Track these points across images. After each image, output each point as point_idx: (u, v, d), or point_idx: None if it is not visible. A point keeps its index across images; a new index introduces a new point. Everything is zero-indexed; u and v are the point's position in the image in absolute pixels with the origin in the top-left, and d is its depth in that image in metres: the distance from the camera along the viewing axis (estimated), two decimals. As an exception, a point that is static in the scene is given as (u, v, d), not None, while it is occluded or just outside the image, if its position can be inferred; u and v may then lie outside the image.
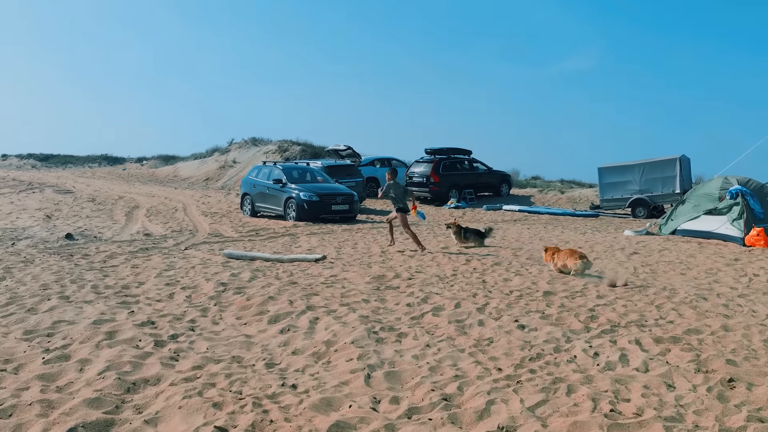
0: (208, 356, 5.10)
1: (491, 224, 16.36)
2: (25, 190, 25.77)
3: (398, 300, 7.21)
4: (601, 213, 21.44)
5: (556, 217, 20.58)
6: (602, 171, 21.37)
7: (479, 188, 25.08)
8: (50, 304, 6.67)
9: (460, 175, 24.29)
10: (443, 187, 23.59)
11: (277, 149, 36.39)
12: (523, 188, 28.24)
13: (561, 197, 25.88)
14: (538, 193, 27.11)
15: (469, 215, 20.32)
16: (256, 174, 19.06)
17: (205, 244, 12.03)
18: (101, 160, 52.72)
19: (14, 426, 3.79)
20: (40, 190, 26.29)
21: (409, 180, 24.38)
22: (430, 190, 23.62)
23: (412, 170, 24.46)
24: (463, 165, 24.84)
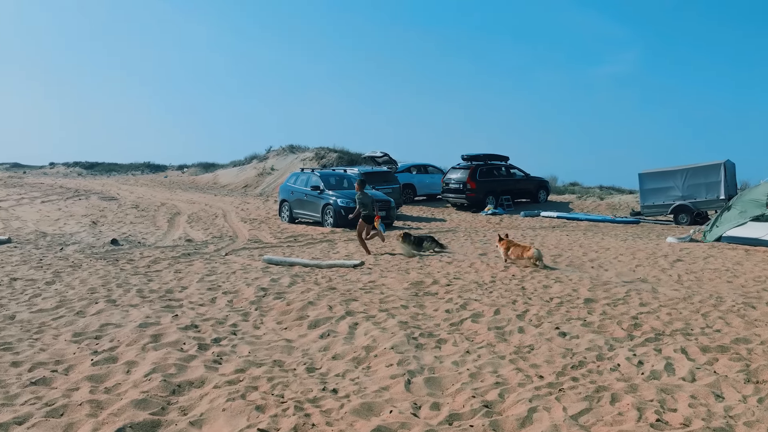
0: (250, 360, 5.18)
1: (508, 230, 16.20)
2: (72, 197, 26.56)
3: (437, 306, 7.20)
4: (642, 219, 21.02)
5: (596, 223, 20.26)
6: (643, 177, 20.96)
7: (516, 195, 24.86)
8: (98, 308, 6.86)
9: (497, 182, 24.11)
10: (480, 194, 23.45)
11: (314, 156, 36.72)
12: (561, 194, 27.88)
13: (600, 203, 25.47)
14: (577, 199, 26.73)
15: (506, 222, 20.16)
16: (294, 181, 19.27)
17: (245, 250, 12.21)
18: (144, 167, 53.98)
19: (66, 425, 3.91)
20: (86, 197, 27.07)
21: (445, 186, 24.31)
22: (467, 196, 23.51)
23: (448, 177, 24.39)
24: (500, 171, 24.66)
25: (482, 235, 15.64)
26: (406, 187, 25.55)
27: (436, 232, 16.25)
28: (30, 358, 5.14)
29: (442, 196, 24.88)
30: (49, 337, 5.79)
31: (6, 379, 4.67)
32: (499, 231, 16.82)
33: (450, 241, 14.26)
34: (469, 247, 13.05)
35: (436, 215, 22.33)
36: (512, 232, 16.66)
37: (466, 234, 15.96)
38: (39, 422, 3.92)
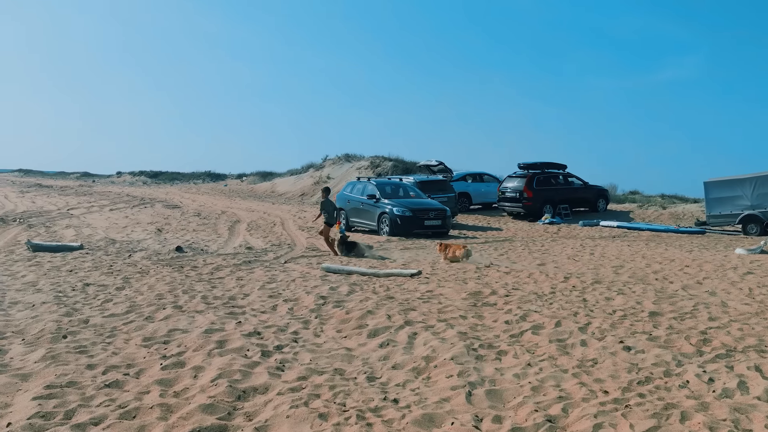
0: (311, 368, 5.26)
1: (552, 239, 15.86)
2: (138, 205, 27.60)
3: (496, 317, 7.13)
4: (708, 230, 20.27)
5: (659, 234, 19.65)
6: (709, 185, 20.23)
7: (575, 203, 24.40)
8: (165, 313, 7.11)
9: (554, 190, 23.73)
10: (537, 203, 23.13)
11: (369, 165, 37.01)
12: (621, 203, 27.20)
13: (662, 213, 24.71)
14: (638, 208, 26.02)
15: (564, 231, 19.80)
16: (350, 189, 19.48)
17: (304, 258, 12.41)
18: (205, 176, 55.61)
19: (138, 427, 4.06)
20: (151, 205, 28.09)
21: (501, 195, 24.09)
22: (524, 205, 23.22)
23: (504, 185, 24.16)
24: (558, 179, 24.26)
25: (540, 245, 15.40)
26: (462, 195, 25.44)
27: (492, 242, 16.12)
28: (103, 361, 5.37)
29: (498, 204, 24.66)
30: (120, 341, 6.03)
31: (82, 381, 4.89)
32: (554, 241, 16.53)
33: (507, 251, 14.12)
34: (526, 257, 12.88)
35: (492, 224, 22.14)
36: (570, 242, 16.36)
37: (523, 244, 15.76)
38: (113, 424, 4.08)
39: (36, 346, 5.81)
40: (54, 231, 16.44)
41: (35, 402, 4.40)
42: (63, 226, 17.81)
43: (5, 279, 9.21)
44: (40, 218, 20.14)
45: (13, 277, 9.43)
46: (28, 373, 5.05)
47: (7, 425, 4.05)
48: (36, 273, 9.76)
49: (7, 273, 9.75)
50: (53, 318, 6.78)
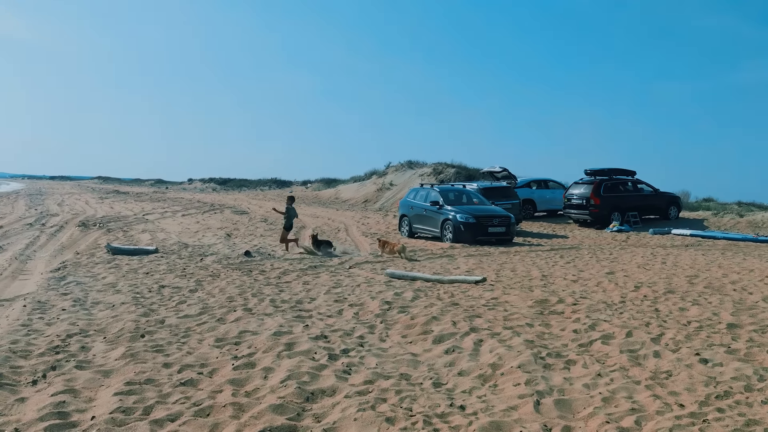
0: (378, 372, 5.31)
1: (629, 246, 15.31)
2: (208, 211, 28.53)
3: (563, 326, 7.00)
4: (792, 239, 19.18)
5: (735, 243, 18.75)
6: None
7: (644, 211, 23.59)
8: (236, 315, 7.33)
9: (622, 197, 23.03)
10: (604, 210, 22.50)
11: (431, 172, 36.97)
12: (694, 211, 26.13)
13: (739, 221, 23.57)
14: (712, 216, 24.93)
15: (633, 239, 19.19)
16: (413, 196, 19.50)
17: (368, 264, 12.51)
18: (271, 183, 56.99)
19: (212, 425, 4.21)
20: (220, 211, 28.99)
21: (567, 202, 23.57)
22: (590, 212, 22.63)
23: (570, 192, 23.63)
24: (627, 186, 23.53)
25: (608, 253, 14.99)
26: (526, 202, 25.05)
27: (558, 249, 15.80)
28: (179, 360, 5.59)
29: (564, 212, 24.14)
30: (194, 341, 6.26)
31: (159, 378, 5.10)
32: (622, 249, 16.04)
33: (573, 258, 13.81)
34: (594, 265, 12.56)
35: (558, 231, 21.69)
36: (640, 250, 15.84)
37: (590, 252, 15.37)
38: (188, 421, 4.24)
39: (116, 344, 6.10)
40: (131, 235, 17.20)
41: (116, 397, 4.63)
42: (139, 230, 18.59)
43: (88, 280, 9.72)
44: (118, 223, 21.12)
45: (94, 278, 9.94)
46: (110, 370, 5.31)
47: (92, 418, 4.28)
48: (115, 275, 10.25)
49: (89, 275, 10.28)
50: (132, 318, 7.11)
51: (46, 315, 7.27)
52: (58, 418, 4.26)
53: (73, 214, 25.41)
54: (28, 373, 5.23)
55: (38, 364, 5.44)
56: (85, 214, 25.61)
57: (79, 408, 4.48)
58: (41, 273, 10.55)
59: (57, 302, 7.98)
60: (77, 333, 6.46)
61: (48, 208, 29.51)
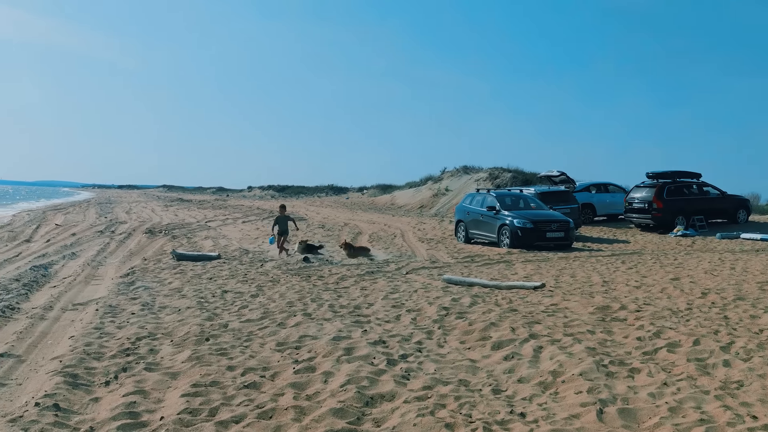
0: (436, 377, 5.31)
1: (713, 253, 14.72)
2: (268, 218, 29.13)
3: (626, 333, 6.82)
4: None
5: (813, 247, 17.81)
6: None
7: (711, 214, 22.69)
8: (296, 320, 7.47)
9: (687, 200, 22.23)
10: (667, 214, 21.77)
11: (487, 176, 36.67)
12: (765, 214, 25.00)
13: (817, 224, 22.38)
14: (787, 219, 23.76)
15: (699, 244, 18.49)
16: (469, 201, 19.39)
17: (424, 269, 12.52)
18: (328, 190, 57.71)
19: (275, 427, 4.31)
20: (278, 217, 29.51)
21: (628, 206, 22.94)
22: (653, 216, 21.94)
23: (631, 196, 22.98)
24: (691, 189, 22.70)
25: (673, 258, 14.50)
26: (585, 206, 24.52)
27: (619, 255, 15.40)
28: (242, 363, 5.74)
29: (625, 216, 23.50)
30: (256, 345, 6.42)
31: (224, 381, 5.26)
32: (688, 254, 15.48)
33: (636, 264, 13.43)
34: (658, 271, 12.18)
35: (618, 236, 21.12)
36: (707, 255, 15.26)
37: (653, 257, 14.91)
38: (252, 423, 4.36)
39: (183, 347, 6.32)
40: (194, 242, 17.77)
41: (183, 399, 4.80)
42: (202, 237, 19.18)
43: (155, 285, 10.10)
44: (182, 230, 21.84)
45: (161, 283, 10.32)
46: (177, 372, 5.51)
47: (160, 419, 4.45)
48: (180, 280, 10.61)
49: (156, 280, 10.68)
50: (197, 322, 7.35)
51: (117, 318, 7.59)
52: (129, 417, 4.45)
53: (140, 221, 26.42)
54: (101, 374, 5.48)
55: (110, 365, 5.69)
56: (151, 221, 26.59)
57: (149, 408, 4.66)
58: (111, 278, 11.02)
59: (127, 306, 8.33)
60: (146, 336, 6.73)
61: (117, 216, 30.79)
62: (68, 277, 10.98)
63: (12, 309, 8.18)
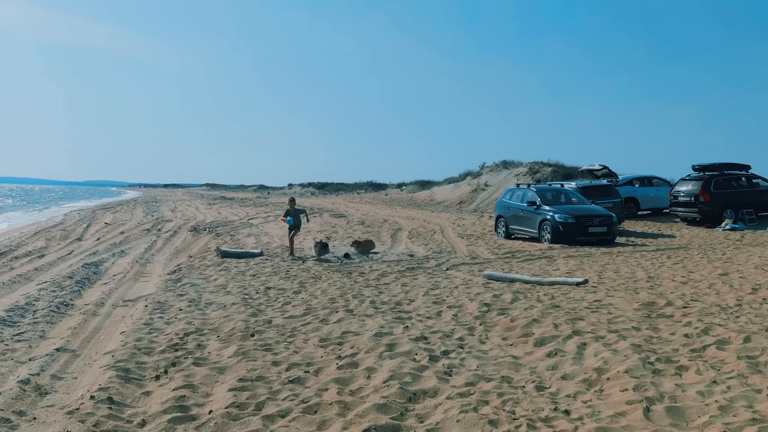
0: (479, 374, 5.31)
1: None
2: (309, 215, 29.39)
3: (673, 330, 6.69)
4: None
5: None
6: None
7: (762, 207, 21.96)
8: (338, 316, 7.56)
9: (736, 193, 21.56)
10: (715, 207, 21.16)
11: (527, 171, 36.25)
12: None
13: None
14: (844, 211, 22.79)
15: (749, 238, 17.93)
16: (509, 196, 19.23)
17: (465, 265, 12.49)
18: (367, 186, 57.92)
19: (320, 422, 4.39)
20: (319, 214, 29.84)
21: (673, 199, 22.38)
22: (700, 210, 21.36)
23: (677, 189, 22.41)
24: (740, 181, 22.01)
25: (721, 253, 14.11)
26: (629, 200, 24.03)
27: (664, 249, 15.06)
28: (286, 359, 5.84)
29: (670, 210, 22.94)
30: (300, 341, 6.52)
31: (269, 376, 5.37)
32: (737, 248, 15.04)
33: (682, 259, 13.12)
34: (705, 266, 11.88)
35: (663, 231, 20.65)
36: (757, 249, 14.79)
37: (700, 251, 14.53)
38: (297, 417, 4.44)
39: (229, 342, 6.47)
40: (237, 239, 18.09)
41: (231, 393, 4.92)
42: (245, 234, 19.50)
43: (201, 282, 10.34)
44: (225, 227, 22.25)
45: (206, 280, 10.56)
46: (224, 367, 5.65)
47: (209, 412, 4.57)
48: (225, 277, 10.83)
49: (202, 277, 10.93)
50: (242, 318, 7.51)
51: (165, 315, 7.81)
52: (179, 411, 4.59)
53: (185, 219, 27.02)
54: (151, 368, 5.66)
55: (160, 360, 5.87)
56: (195, 219, 27.16)
57: (198, 402, 4.80)
58: (159, 275, 11.33)
59: (174, 303, 8.55)
60: (193, 332, 6.91)
61: (162, 214, 31.55)
62: (118, 275, 11.33)
63: (66, 305, 8.50)
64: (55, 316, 7.83)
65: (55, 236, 19.03)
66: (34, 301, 8.59)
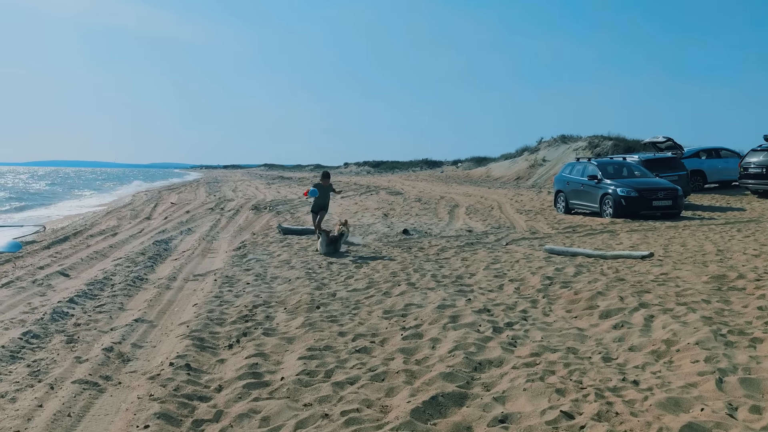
0: (543, 345, 5.32)
1: None
2: (365, 193, 29.68)
3: (746, 302, 6.49)
4: None
5: None
6: None
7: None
8: (400, 289, 7.67)
9: (813, 164, 20.46)
10: (789, 178, 20.17)
11: (587, 145, 35.37)
12: None
13: None
14: None
15: (829, 210, 17.06)
16: (569, 171, 18.86)
17: (525, 240, 12.39)
18: (422, 164, 57.78)
19: (387, 389, 4.50)
20: (375, 192, 30.02)
21: (743, 172, 21.43)
22: (773, 181, 20.40)
23: (747, 160, 21.44)
24: (817, 151, 20.86)
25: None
26: (695, 173, 23.17)
27: (734, 223, 14.51)
28: (352, 330, 5.99)
29: (739, 182, 21.99)
30: (364, 312, 6.67)
31: (336, 346, 5.52)
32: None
33: (753, 232, 12.62)
34: (780, 239, 11.40)
35: (732, 204, 19.86)
36: None
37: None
38: (366, 384, 4.57)
39: (296, 314, 6.67)
40: (297, 217, 18.45)
41: (301, 361, 5.10)
42: (304, 212, 19.84)
43: (265, 257, 10.64)
44: (285, 206, 22.71)
45: (270, 256, 10.86)
46: (292, 337, 5.84)
47: (281, 379, 4.76)
48: (288, 253, 11.11)
49: (266, 253, 11.24)
50: (307, 291, 7.71)
51: (234, 288, 8.10)
52: (253, 378, 4.80)
53: (246, 198, 27.69)
54: (224, 338, 5.91)
55: (232, 330, 6.12)
56: (256, 198, 27.80)
57: (270, 370, 5.00)
58: (225, 251, 11.71)
59: (241, 277, 8.85)
60: (261, 304, 7.15)
61: (224, 194, 32.41)
62: (187, 251, 11.77)
63: (141, 280, 8.92)
64: (132, 290, 8.23)
65: (125, 216, 19.87)
66: (111, 276, 9.05)
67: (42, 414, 4.19)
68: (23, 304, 7.37)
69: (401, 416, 3.89)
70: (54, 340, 5.91)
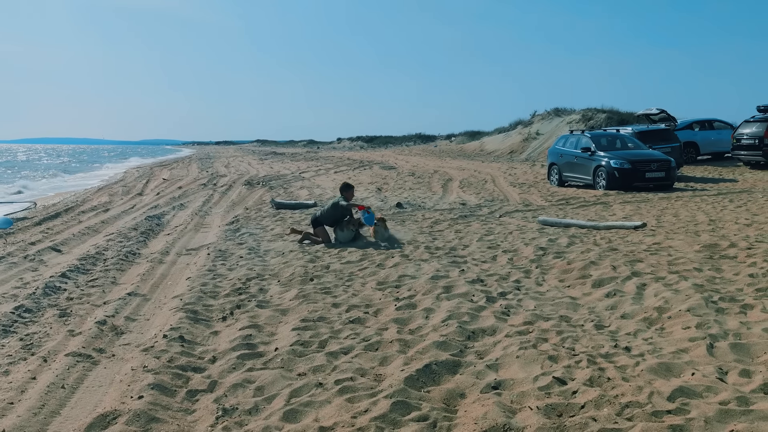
0: (537, 314, 5.34)
1: None
2: (358, 168, 29.59)
3: (737, 270, 6.54)
4: None
5: None
6: None
7: (833, 148, 20.83)
8: (394, 261, 7.67)
9: (805, 134, 20.49)
10: (782, 149, 20.21)
11: (580, 118, 35.27)
12: None
13: None
14: None
15: (820, 180, 17.13)
16: (563, 143, 18.84)
17: (518, 212, 12.40)
18: (415, 138, 57.60)
19: (381, 358, 4.51)
20: (369, 167, 29.94)
21: (736, 143, 21.46)
22: (765, 153, 20.43)
23: (740, 131, 21.45)
24: (810, 122, 20.87)
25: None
26: (688, 145, 23.19)
27: (726, 193, 14.56)
28: (346, 301, 6.00)
29: (732, 153, 22.03)
30: (358, 284, 6.67)
31: (330, 317, 5.53)
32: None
33: (745, 202, 12.67)
34: (772, 209, 11.45)
35: (725, 175, 19.92)
36: None
37: (765, 195, 13.98)
38: (360, 354, 4.58)
39: (289, 286, 6.67)
40: (290, 191, 18.39)
41: (294, 332, 5.10)
42: (297, 187, 19.82)
43: (258, 231, 10.62)
44: (278, 181, 22.62)
45: (264, 230, 10.83)
46: (286, 309, 5.85)
47: (275, 349, 4.76)
48: (281, 226, 11.08)
49: (259, 227, 11.21)
50: (300, 264, 7.70)
51: (227, 262, 8.08)
52: (247, 348, 4.80)
53: (239, 174, 27.56)
54: (218, 310, 5.91)
55: (225, 303, 6.12)
56: (248, 174, 27.67)
57: (264, 341, 5.00)
58: (218, 226, 11.67)
59: (235, 251, 8.83)
60: (255, 277, 7.14)
61: (217, 170, 32.23)
62: (179, 226, 11.73)
63: (134, 254, 8.88)
64: (124, 264, 8.20)
65: (117, 192, 19.76)
66: (103, 251, 9.01)
67: (35, 386, 4.19)
68: (15, 279, 7.34)
69: (395, 384, 3.91)
70: (47, 314, 5.89)
